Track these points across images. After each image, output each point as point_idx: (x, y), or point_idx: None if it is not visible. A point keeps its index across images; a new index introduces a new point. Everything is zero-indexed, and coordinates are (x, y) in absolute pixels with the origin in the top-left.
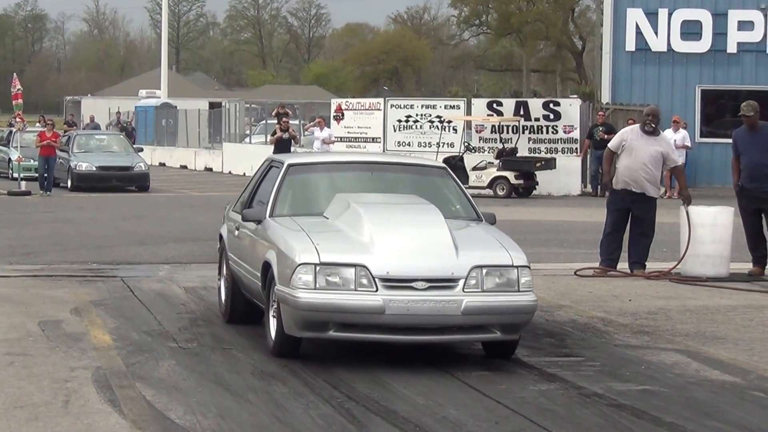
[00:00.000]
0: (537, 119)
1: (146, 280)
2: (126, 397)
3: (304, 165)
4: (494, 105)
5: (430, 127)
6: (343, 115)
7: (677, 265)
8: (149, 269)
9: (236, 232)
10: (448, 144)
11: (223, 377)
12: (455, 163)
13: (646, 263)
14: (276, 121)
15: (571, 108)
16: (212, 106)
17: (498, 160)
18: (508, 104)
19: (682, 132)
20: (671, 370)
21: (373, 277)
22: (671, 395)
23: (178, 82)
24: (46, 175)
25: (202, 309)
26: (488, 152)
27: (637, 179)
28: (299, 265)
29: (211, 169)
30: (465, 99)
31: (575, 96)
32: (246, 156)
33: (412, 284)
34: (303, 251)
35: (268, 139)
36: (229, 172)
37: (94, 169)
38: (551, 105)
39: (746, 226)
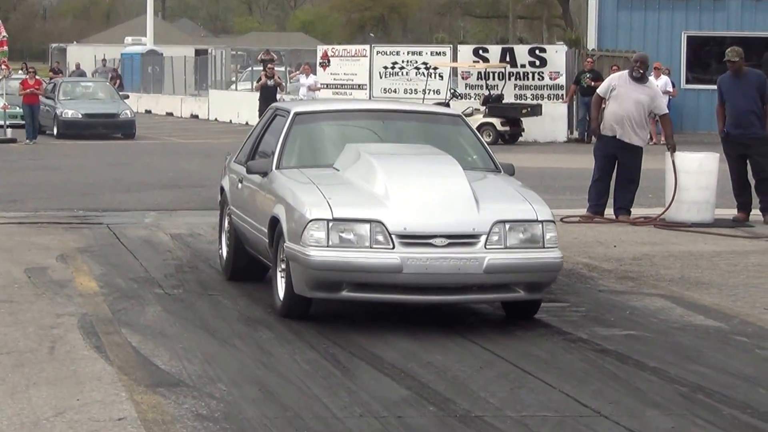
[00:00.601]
0: (523, 66)
1: (132, 227)
2: (112, 343)
3: (312, 113)
4: (480, 52)
5: (416, 74)
6: (329, 62)
7: (664, 212)
8: (135, 216)
9: (239, 185)
10: (434, 91)
11: (209, 323)
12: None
13: (631, 209)
14: (261, 68)
15: (557, 55)
16: (198, 53)
17: (484, 107)
18: (494, 51)
19: (664, 78)
20: (655, 316)
21: (390, 234)
22: (655, 340)
23: (164, 29)
24: (32, 123)
25: (188, 256)
26: (474, 99)
27: (623, 125)
28: (310, 221)
29: (197, 116)
30: (451, 46)
31: (561, 42)
32: (232, 103)
33: (431, 241)
34: (314, 206)
35: (253, 86)
36: (215, 119)
37: (80, 116)
38: (537, 52)
39: (732, 172)
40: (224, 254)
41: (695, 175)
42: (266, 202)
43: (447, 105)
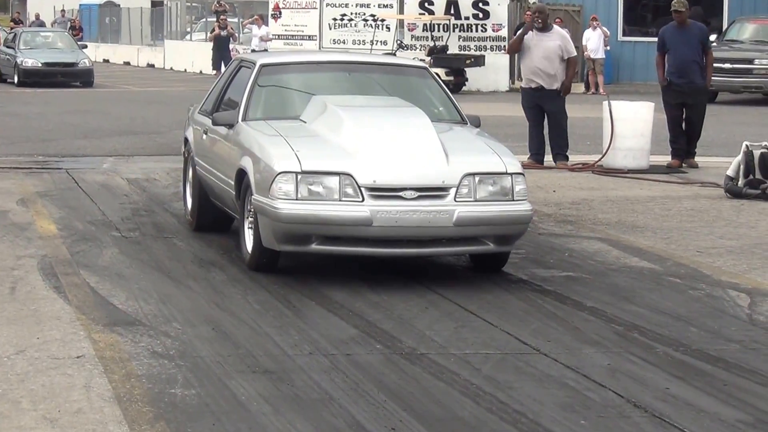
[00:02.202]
0: (467, 18)
1: (90, 172)
2: (71, 284)
3: (278, 65)
4: (426, 4)
5: (364, 26)
6: (280, 13)
7: (601, 158)
8: (93, 161)
9: (204, 137)
10: (381, 42)
11: (164, 265)
12: (438, 51)
13: (568, 154)
14: (215, 20)
15: (499, 7)
16: (154, 4)
17: (429, 57)
18: (440, 3)
19: (599, 30)
20: (593, 258)
21: (359, 186)
22: (593, 281)
23: None
24: None
25: (144, 200)
26: (420, 50)
27: (538, 74)
28: (279, 173)
29: (153, 66)
30: None
31: None
32: (187, 53)
33: (401, 194)
34: (282, 158)
35: (207, 37)
36: (171, 68)
37: (40, 65)
38: (480, 4)
39: (669, 120)
40: (189, 205)
41: (631, 123)
42: (233, 154)
43: (393, 56)
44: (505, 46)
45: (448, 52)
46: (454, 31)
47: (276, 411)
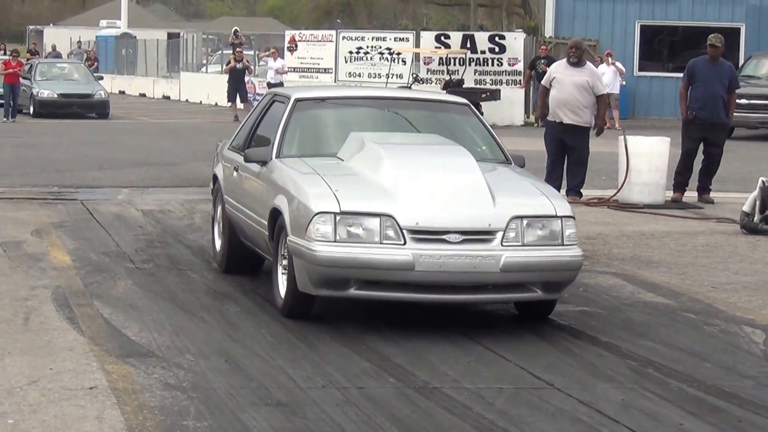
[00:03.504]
0: (483, 52)
1: (105, 203)
2: (84, 314)
3: (313, 100)
4: (442, 38)
5: (380, 59)
6: (296, 46)
7: (616, 193)
8: (108, 193)
9: (235, 174)
10: (397, 75)
11: (178, 296)
12: (454, 85)
13: (581, 190)
14: (231, 52)
15: (515, 42)
16: (170, 36)
17: (445, 91)
18: (456, 37)
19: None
20: (608, 293)
21: (401, 229)
22: (607, 316)
23: (138, 13)
24: (10, 102)
25: (158, 231)
26: (435, 83)
27: (564, 109)
28: (316, 214)
29: (168, 97)
30: (414, 32)
31: (520, 30)
32: (202, 85)
33: (445, 237)
34: (320, 198)
35: (223, 69)
36: (186, 100)
37: (56, 96)
38: (497, 38)
39: (684, 153)
40: (218, 246)
41: (647, 158)
42: (266, 192)
43: (409, 89)
44: (520, 80)
45: (463, 86)
46: (470, 65)
47: None
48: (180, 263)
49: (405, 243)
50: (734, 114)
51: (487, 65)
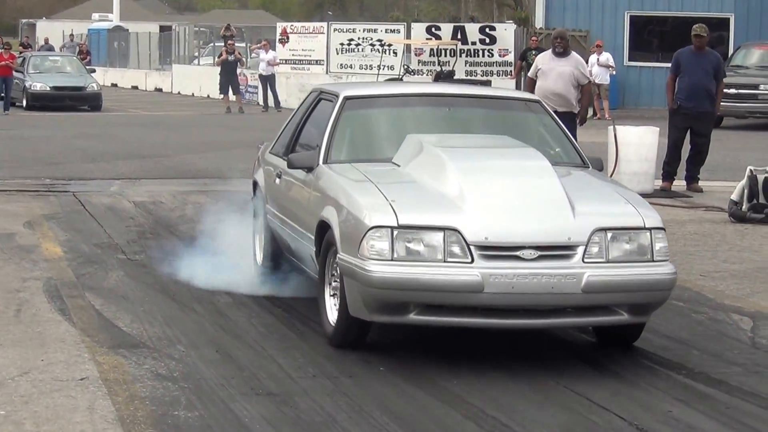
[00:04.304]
0: (474, 43)
1: (97, 195)
2: (76, 306)
3: (364, 98)
4: (433, 29)
5: (371, 51)
6: (288, 38)
7: None
8: (100, 185)
9: (277, 181)
10: (388, 67)
11: (169, 287)
12: (445, 76)
13: None
14: (223, 44)
15: (506, 33)
16: (162, 29)
17: (436, 82)
18: (446, 29)
19: (605, 54)
20: None
21: (468, 245)
22: None
23: (130, 6)
24: (3, 95)
25: (150, 222)
26: (426, 75)
27: (550, 98)
28: (371, 228)
29: (161, 90)
30: (405, 24)
31: (510, 21)
32: (194, 77)
33: (518, 253)
34: (375, 210)
35: (215, 61)
36: (179, 93)
37: (48, 89)
38: (487, 30)
39: (671, 143)
40: (259, 260)
41: (636, 148)
42: (313, 203)
43: (401, 80)
44: (511, 71)
45: (455, 77)
46: (460, 56)
47: None
48: (171, 254)
49: (472, 261)
50: (723, 104)
51: (478, 56)
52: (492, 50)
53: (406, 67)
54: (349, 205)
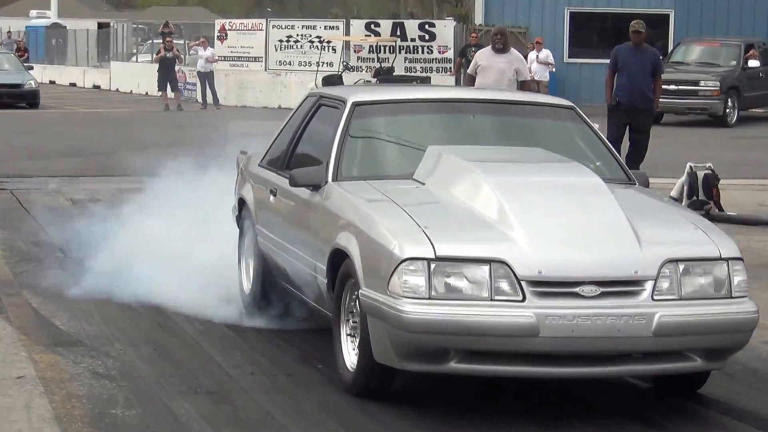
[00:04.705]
0: (413, 40)
1: (35, 193)
2: (12, 304)
3: (376, 104)
4: (372, 26)
5: (310, 47)
6: (226, 35)
7: None
8: (38, 182)
9: (272, 200)
10: (327, 63)
11: (107, 286)
12: (334, 82)
13: None
14: (161, 41)
15: (445, 29)
16: (101, 26)
17: (375, 79)
18: (386, 25)
19: (545, 51)
20: None
21: (518, 280)
22: None
23: (68, 3)
24: None
25: (87, 220)
26: (366, 71)
27: None
28: (404, 260)
29: (99, 87)
30: (344, 20)
31: (450, 18)
32: (133, 74)
33: (578, 290)
34: (406, 238)
35: (153, 58)
36: (117, 90)
37: None
38: (427, 26)
39: (610, 140)
40: (246, 288)
41: None
42: (322, 227)
43: (340, 77)
44: (451, 68)
45: (394, 74)
46: (400, 52)
47: (217, 431)
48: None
49: (524, 299)
50: (663, 100)
51: (418, 53)
52: (431, 47)
53: (345, 63)
54: (372, 232)
